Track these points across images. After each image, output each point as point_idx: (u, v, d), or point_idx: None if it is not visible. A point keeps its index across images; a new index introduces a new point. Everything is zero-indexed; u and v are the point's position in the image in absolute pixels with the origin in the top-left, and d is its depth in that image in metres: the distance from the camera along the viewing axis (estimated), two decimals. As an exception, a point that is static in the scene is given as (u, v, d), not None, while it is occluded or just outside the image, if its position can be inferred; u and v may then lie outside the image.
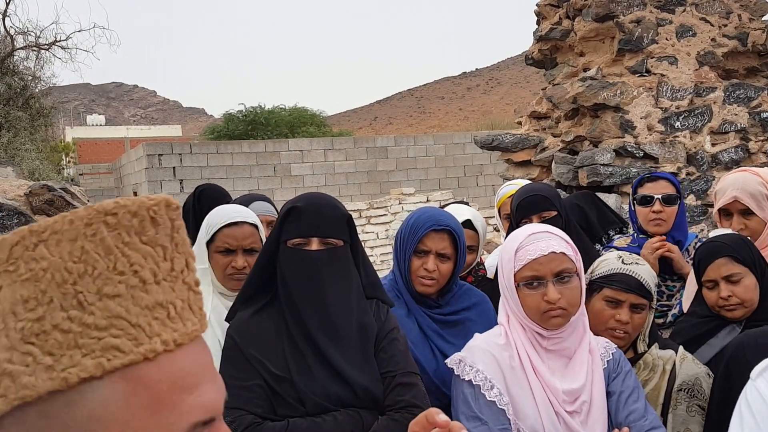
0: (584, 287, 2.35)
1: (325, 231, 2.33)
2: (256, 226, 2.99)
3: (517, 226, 3.33)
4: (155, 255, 0.75)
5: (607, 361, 2.39)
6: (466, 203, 4.21)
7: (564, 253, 2.27)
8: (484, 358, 2.27)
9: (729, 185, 3.39)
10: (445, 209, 3.63)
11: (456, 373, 2.29)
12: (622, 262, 2.66)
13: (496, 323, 2.44)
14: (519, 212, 3.43)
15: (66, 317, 0.70)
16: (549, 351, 2.29)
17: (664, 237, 3.53)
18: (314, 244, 2.31)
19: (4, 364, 0.69)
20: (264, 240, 2.99)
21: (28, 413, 0.70)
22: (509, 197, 3.97)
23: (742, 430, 1.67)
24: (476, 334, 2.42)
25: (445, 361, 2.37)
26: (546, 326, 2.27)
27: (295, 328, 2.27)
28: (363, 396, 2.23)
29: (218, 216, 2.94)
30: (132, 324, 0.72)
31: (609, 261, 2.69)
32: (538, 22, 7.06)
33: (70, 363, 0.69)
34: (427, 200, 15.06)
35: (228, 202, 4.27)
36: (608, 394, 2.34)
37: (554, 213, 3.43)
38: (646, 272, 2.63)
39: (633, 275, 2.60)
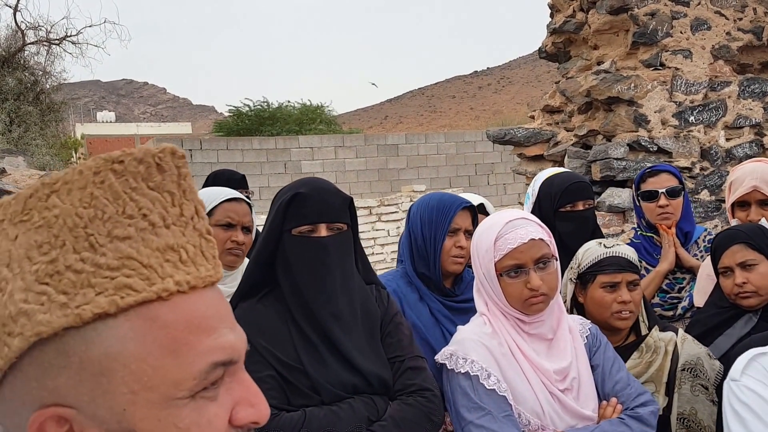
0: (559, 270, 2.37)
1: (332, 216, 2.30)
2: (250, 207, 3.06)
3: (555, 213, 3.34)
4: (163, 200, 0.77)
5: (586, 336, 2.44)
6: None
7: (542, 239, 2.28)
8: (477, 348, 2.26)
9: (746, 175, 3.33)
10: None
11: (449, 367, 2.28)
12: (605, 246, 2.71)
13: None
14: (564, 197, 3.36)
15: (78, 258, 0.72)
16: (531, 335, 2.32)
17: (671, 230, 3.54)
18: (322, 231, 2.28)
19: (20, 304, 0.71)
20: (254, 221, 3.08)
21: (45, 351, 0.72)
22: None
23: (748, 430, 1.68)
24: (460, 327, 2.42)
25: (435, 357, 2.36)
26: (528, 312, 2.29)
27: (303, 317, 2.25)
28: (375, 383, 2.22)
29: (217, 192, 2.99)
30: (144, 264, 0.74)
31: (592, 249, 2.73)
32: (551, 15, 7.02)
33: (84, 300, 0.71)
34: (438, 197, 15.01)
35: (244, 184, 4.41)
36: (592, 368, 2.39)
37: (593, 201, 3.46)
38: (628, 250, 2.70)
39: (620, 255, 2.66)
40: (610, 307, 2.63)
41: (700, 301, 3.16)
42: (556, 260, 2.34)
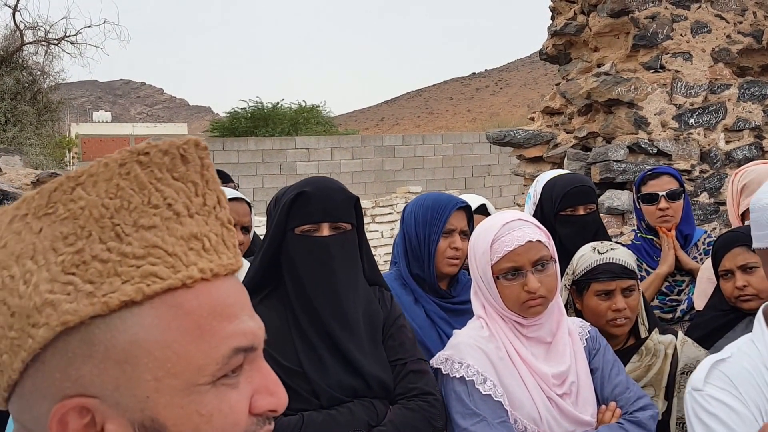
0: (559, 272, 2.34)
1: (335, 215, 2.27)
2: (250, 207, 3.09)
3: (556, 216, 3.29)
4: (187, 190, 0.79)
5: (586, 339, 2.40)
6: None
7: (540, 241, 2.25)
8: (473, 352, 2.22)
9: (765, 177, 3.29)
10: None
11: (444, 371, 2.24)
12: (598, 252, 2.68)
13: None
14: (565, 201, 3.30)
15: (105, 248, 0.73)
16: (530, 338, 2.28)
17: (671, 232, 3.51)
18: (325, 230, 2.25)
19: (46, 295, 0.72)
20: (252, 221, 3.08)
21: (69, 341, 0.73)
22: None
23: None
24: (456, 331, 2.38)
25: (430, 361, 2.32)
26: (526, 315, 2.25)
27: (305, 318, 2.22)
28: (376, 386, 2.19)
29: None
30: (168, 253, 0.75)
31: (586, 256, 2.70)
32: (552, 18, 7.02)
33: (111, 289, 0.73)
34: (435, 199, 14.96)
35: (224, 178, 4.46)
36: (591, 372, 2.36)
37: (595, 205, 3.39)
38: (623, 254, 2.66)
39: (614, 261, 2.62)
40: (605, 315, 2.61)
41: (700, 304, 3.14)
42: (555, 262, 2.30)
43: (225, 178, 4.44)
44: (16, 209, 0.76)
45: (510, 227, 2.25)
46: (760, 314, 1.82)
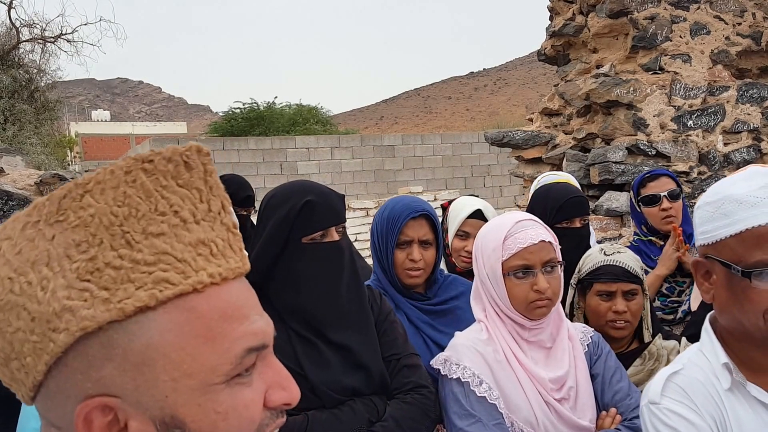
0: (563, 277, 2.33)
1: (341, 217, 2.26)
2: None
3: (552, 228, 3.26)
4: (192, 197, 0.81)
5: (587, 344, 2.39)
6: (476, 196, 4.15)
7: (550, 243, 2.25)
8: (470, 354, 2.23)
9: None
10: (455, 202, 3.56)
11: (443, 372, 2.24)
12: (604, 254, 2.69)
13: None
14: (561, 214, 3.20)
15: (117, 255, 0.76)
16: (530, 342, 2.27)
17: (680, 233, 3.49)
18: (335, 234, 2.24)
19: (64, 301, 0.74)
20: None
21: (90, 345, 0.76)
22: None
23: None
24: (457, 333, 2.37)
25: (431, 362, 2.32)
26: (531, 316, 2.24)
27: (307, 319, 2.20)
28: (379, 381, 2.20)
29: None
30: (178, 259, 0.78)
31: (593, 256, 2.72)
32: (551, 18, 7.02)
33: (125, 295, 0.75)
34: (435, 199, 14.98)
35: (249, 195, 4.28)
36: (592, 377, 2.35)
37: (588, 216, 3.33)
38: (629, 258, 2.66)
39: (618, 264, 2.63)
40: (605, 316, 2.62)
41: (695, 304, 3.14)
42: (562, 266, 2.30)
43: (243, 203, 4.24)
44: (28, 216, 0.78)
45: (523, 225, 2.25)
46: (707, 323, 1.81)
